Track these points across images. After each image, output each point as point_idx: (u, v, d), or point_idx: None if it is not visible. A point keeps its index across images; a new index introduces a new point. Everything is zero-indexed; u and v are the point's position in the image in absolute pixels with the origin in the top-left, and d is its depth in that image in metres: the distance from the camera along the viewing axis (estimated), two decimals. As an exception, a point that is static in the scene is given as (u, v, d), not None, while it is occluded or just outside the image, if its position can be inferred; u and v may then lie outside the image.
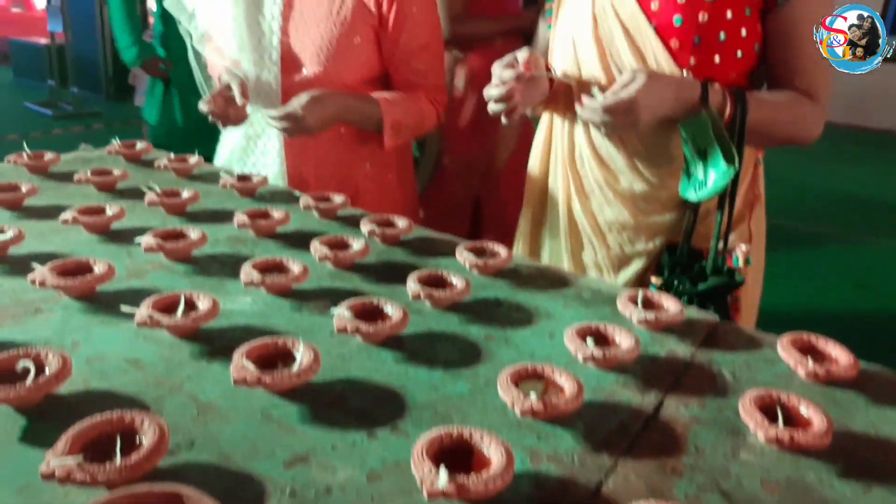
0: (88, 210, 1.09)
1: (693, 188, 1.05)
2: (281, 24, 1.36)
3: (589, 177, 1.18)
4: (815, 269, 3.88)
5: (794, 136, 1.09)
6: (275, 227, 1.09)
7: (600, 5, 1.11)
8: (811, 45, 1.05)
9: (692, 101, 1.01)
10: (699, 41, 1.04)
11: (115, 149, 1.49)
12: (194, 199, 1.19)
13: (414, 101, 1.35)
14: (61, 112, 6.18)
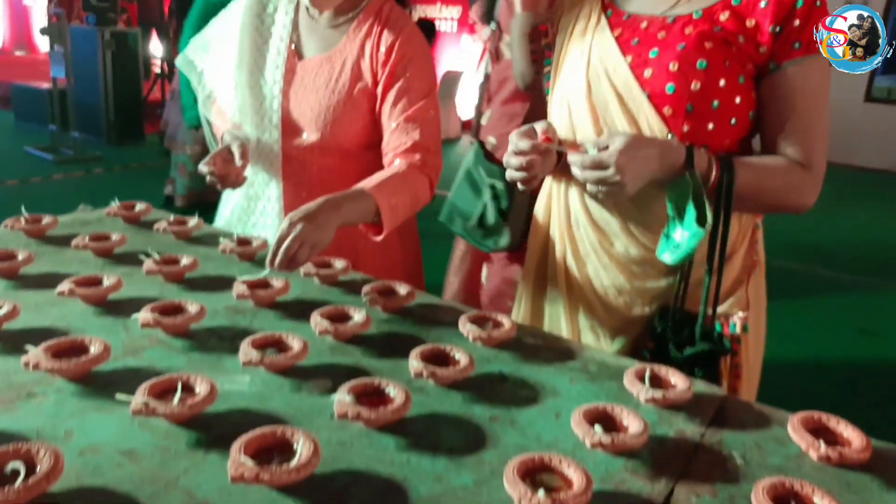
0: (85, 281, 1.08)
1: (668, 249, 1.04)
2: (282, 88, 1.37)
3: (585, 241, 1.17)
4: (815, 314, 3.86)
5: (786, 204, 1.07)
6: (274, 298, 1.08)
7: (594, 71, 1.11)
8: (807, 110, 1.05)
9: (677, 165, 1.00)
10: (692, 109, 1.03)
11: (114, 210, 1.48)
12: (193, 266, 1.18)
13: (403, 178, 1.27)
14: (62, 157, 6.20)
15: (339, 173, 1.39)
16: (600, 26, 1.13)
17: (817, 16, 1.01)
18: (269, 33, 1.41)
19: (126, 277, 1.15)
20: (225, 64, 1.44)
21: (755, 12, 1.02)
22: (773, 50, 1.02)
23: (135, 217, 1.48)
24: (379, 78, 1.33)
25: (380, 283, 1.14)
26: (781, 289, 4.02)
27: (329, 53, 1.37)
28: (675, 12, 1.08)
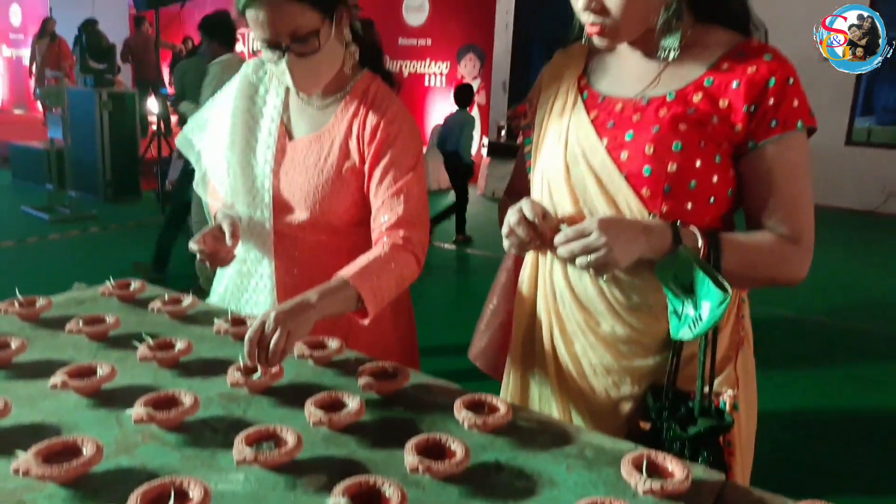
0: (78, 371, 1.07)
1: (687, 326, 1.02)
2: (273, 168, 1.39)
3: (571, 320, 1.17)
4: (800, 359, 3.85)
5: (776, 279, 1.07)
6: (268, 384, 1.08)
7: (571, 153, 1.12)
8: (789, 186, 1.06)
9: (666, 243, 1.01)
10: (669, 190, 1.04)
11: (108, 290, 1.48)
12: (187, 350, 1.18)
13: (388, 259, 1.26)
14: (59, 216, 6.23)
15: (331, 249, 1.40)
16: (576, 108, 1.15)
17: (791, 93, 1.03)
18: (260, 114, 1.45)
19: (120, 363, 1.15)
20: (218, 145, 1.47)
21: (728, 93, 1.04)
22: (750, 129, 1.04)
23: (129, 296, 1.48)
24: (366, 157, 1.36)
25: (374, 365, 1.14)
26: (766, 335, 4.02)
27: (318, 133, 1.40)
28: (649, 94, 1.09)
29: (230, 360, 1.16)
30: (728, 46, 1.07)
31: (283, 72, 1.30)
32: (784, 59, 1.05)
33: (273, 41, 1.27)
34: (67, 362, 1.16)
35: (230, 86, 1.49)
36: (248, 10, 1.26)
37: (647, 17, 1.05)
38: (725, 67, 1.05)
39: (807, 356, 3.90)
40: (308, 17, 1.26)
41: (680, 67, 1.08)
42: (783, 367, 3.62)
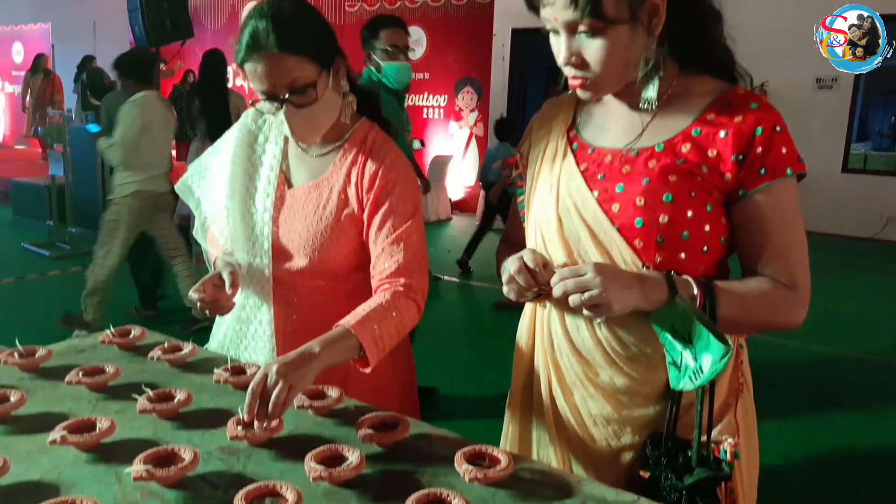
0: (78, 426, 1.07)
1: (688, 377, 1.02)
2: (273, 215, 1.41)
3: (569, 370, 1.16)
4: (805, 393, 3.81)
5: (773, 325, 1.08)
6: (268, 437, 1.07)
7: (563, 205, 1.13)
8: (782, 233, 1.06)
9: (662, 293, 1.01)
10: (662, 241, 1.05)
11: (108, 338, 1.49)
12: (187, 401, 1.18)
13: (388, 307, 1.28)
14: (59, 252, 6.24)
15: (329, 295, 1.41)
16: (566, 160, 1.16)
17: (779, 141, 1.04)
18: (259, 162, 1.46)
19: (119, 416, 1.15)
20: (218, 192, 1.48)
21: (716, 142, 1.04)
22: (739, 177, 1.04)
23: (129, 343, 1.48)
24: (364, 204, 1.37)
25: (374, 415, 1.14)
26: (770, 367, 4.00)
27: (317, 181, 1.41)
28: (638, 146, 1.10)
29: (230, 411, 1.16)
30: (714, 95, 1.08)
31: (281, 122, 1.32)
32: (770, 108, 1.06)
33: (271, 93, 1.29)
34: (67, 415, 1.17)
35: (230, 134, 1.51)
36: (246, 63, 1.28)
37: (628, 71, 1.06)
38: (712, 117, 1.06)
39: (809, 390, 3.85)
40: (305, 69, 1.28)
41: (667, 118, 1.09)
42: (784, 405, 3.57)
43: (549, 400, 1.21)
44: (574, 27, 1.02)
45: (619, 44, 1.02)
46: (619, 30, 1.01)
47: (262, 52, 1.26)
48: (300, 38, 1.27)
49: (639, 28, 1.02)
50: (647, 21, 1.03)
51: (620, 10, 1.00)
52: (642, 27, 1.03)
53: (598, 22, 1.00)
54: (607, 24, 1.00)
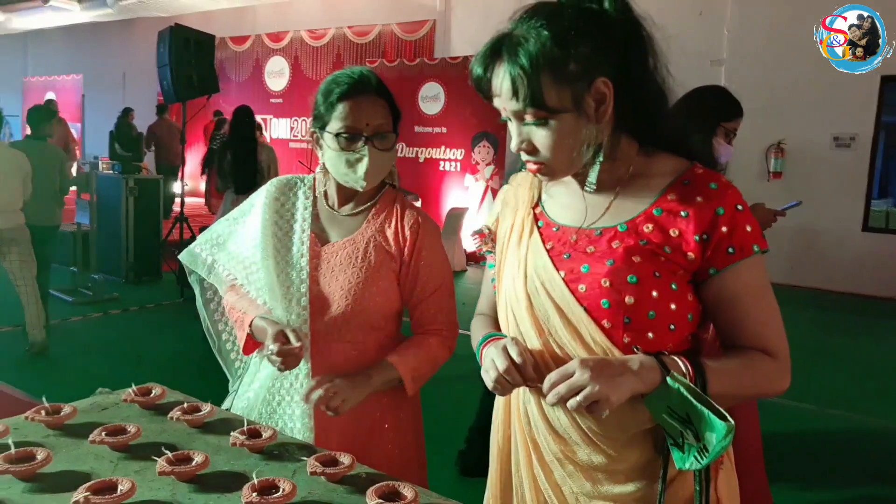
0: (100, 487, 1.12)
1: (693, 456, 1.02)
2: (309, 272, 1.53)
3: (547, 448, 1.16)
4: (826, 462, 3.75)
5: (760, 395, 1.12)
6: (282, 503, 1.11)
7: (532, 284, 1.14)
8: (756, 306, 1.09)
9: (656, 378, 1.02)
10: (629, 321, 1.06)
11: (130, 397, 1.54)
12: (204, 464, 1.22)
13: (425, 345, 1.55)
14: (81, 299, 6.36)
15: (363, 346, 1.55)
16: (533, 238, 1.17)
17: (741, 220, 1.07)
18: (289, 226, 1.59)
19: (139, 476, 1.20)
20: (248, 256, 1.61)
21: (678, 223, 1.07)
22: (706, 256, 1.06)
23: (150, 402, 1.53)
24: (403, 255, 1.56)
25: (384, 485, 1.17)
26: (790, 432, 3.95)
27: (352, 237, 1.57)
28: (601, 225, 1.12)
29: (245, 475, 1.20)
30: (674, 175, 1.11)
31: (358, 160, 1.49)
32: (729, 186, 1.09)
33: (357, 130, 1.49)
34: (89, 474, 1.22)
35: (254, 205, 1.63)
36: (345, 100, 1.49)
37: (578, 155, 1.09)
38: (672, 197, 1.09)
39: (830, 461, 3.77)
40: (389, 120, 1.54)
41: (629, 198, 1.12)
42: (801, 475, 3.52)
43: (531, 479, 1.20)
44: (521, 116, 1.07)
45: (566, 131, 1.06)
46: (564, 118, 1.05)
47: (363, 93, 1.49)
48: (390, 94, 1.55)
49: (584, 116, 1.06)
50: (593, 109, 1.06)
51: (563, 100, 1.04)
52: (588, 115, 1.06)
53: (540, 112, 1.05)
54: (551, 114, 1.05)
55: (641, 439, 1.10)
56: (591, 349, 1.09)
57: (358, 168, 1.49)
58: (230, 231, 1.67)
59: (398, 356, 1.50)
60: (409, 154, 9.71)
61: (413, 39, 11.10)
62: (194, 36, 6.86)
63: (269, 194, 1.63)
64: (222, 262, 1.65)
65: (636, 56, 1.08)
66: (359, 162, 1.48)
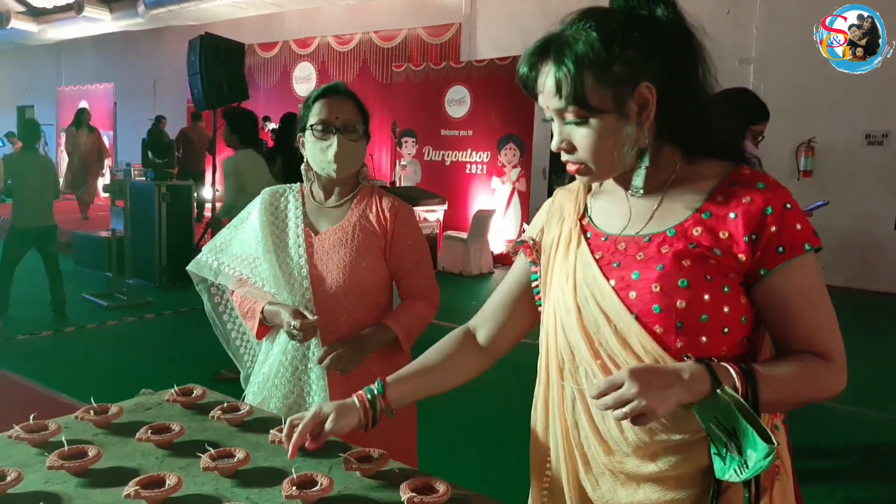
0: (149, 481, 1.18)
1: (733, 469, 1.01)
2: (307, 259, 1.83)
3: (597, 460, 1.15)
4: (856, 455, 3.71)
5: (814, 399, 1.08)
6: (320, 497, 1.16)
7: (581, 295, 1.14)
8: (810, 310, 1.07)
9: (705, 388, 1.00)
10: (682, 325, 1.05)
11: (172, 397, 1.61)
12: (245, 460, 1.28)
13: (414, 308, 1.91)
14: (116, 303, 6.52)
15: (362, 309, 1.85)
16: (581, 250, 1.17)
17: (791, 218, 1.05)
18: (284, 224, 1.89)
19: (184, 472, 1.26)
20: (251, 254, 1.87)
21: (727, 224, 1.06)
22: (756, 258, 1.05)
23: (191, 402, 1.60)
24: (386, 233, 1.86)
25: (416, 479, 1.22)
26: (820, 433, 3.91)
27: (341, 223, 1.87)
28: (649, 231, 1.12)
29: (284, 471, 1.26)
30: (720, 177, 1.10)
31: (328, 147, 1.80)
32: (778, 186, 1.08)
33: (328, 123, 1.80)
34: (137, 470, 1.28)
35: (250, 213, 1.94)
36: (318, 100, 1.84)
37: (618, 157, 1.09)
38: (720, 199, 1.08)
39: (863, 460, 3.74)
40: (357, 116, 1.85)
41: (677, 202, 1.12)
42: (832, 475, 3.50)
43: (577, 489, 1.20)
44: (562, 114, 1.09)
45: (606, 132, 1.07)
46: (606, 119, 1.06)
47: (332, 94, 1.85)
48: (359, 100, 1.89)
49: (625, 118, 1.07)
50: (636, 112, 1.07)
51: (605, 101, 1.05)
52: (629, 118, 1.07)
53: (581, 111, 1.06)
54: (592, 113, 1.06)
55: (694, 448, 1.09)
56: (641, 359, 1.08)
57: (328, 153, 1.80)
58: (231, 237, 1.93)
59: (392, 319, 1.84)
60: (436, 157, 9.78)
61: (439, 43, 11.17)
62: (224, 44, 6.99)
63: (264, 201, 1.93)
64: (227, 262, 1.89)
65: (685, 64, 1.09)
66: (329, 147, 1.80)
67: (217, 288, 2.01)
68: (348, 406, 1.29)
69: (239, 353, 2.08)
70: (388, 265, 1.88)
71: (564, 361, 1.18)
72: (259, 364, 1.95)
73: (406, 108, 10.16)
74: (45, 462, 1.27)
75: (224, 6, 12.23)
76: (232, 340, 2.08)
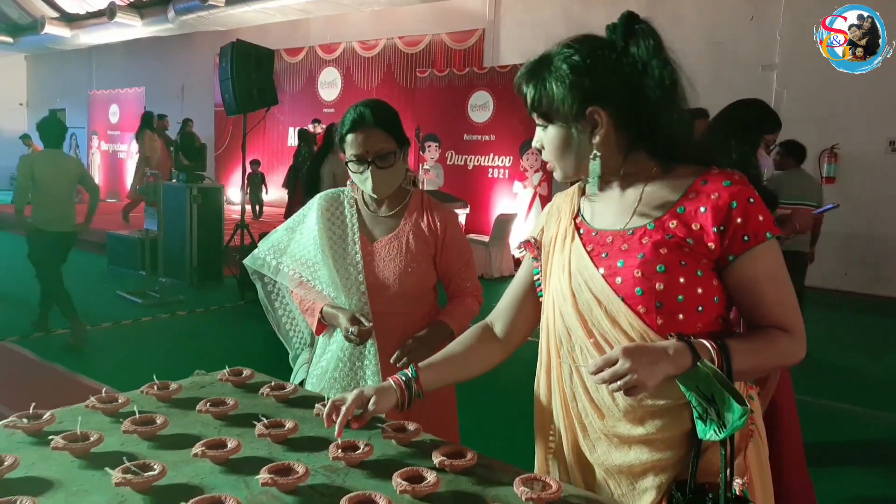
0: (212, 444, 1.35)
1: (712, 430, 1.16)
2: (363, 266, 1.94)
3: (593, 426, 1.31)
4: (868, 458, 3.79)
5: (780, 366, 1.27)
6: (362, 459, 1.32)
7: (576, 282, 1.31)
8: (773, 290, 1.23)
9: (687, 361, 1.15)
10: (661, 305, 1.21)
11: (224, 376, 1.78)
12: (294, 429, 1.44)
13: (465, 304, 2.06)
14: (150, 301, 6.76)
15: (412, 318, 1.99)
16: (574, 244, 1.34)
17: (754, 211, 1.21)
18: (342, 231, 2.03)
19: (241, 437, 1.42)
20: (311, 259, 2.00)
21: (698, 217, 1.22)
22: (724, 245, 1.21)
23: (241, 381, 1.77)
24: (437, 241, 2.00)
25: (446, 447, 1.37)
26: (837, 434, 3.99)
27: (395, 233, 2.01)
28: (632, 226, 1.28)
29: (328, 439, 1.41)
30: (694, 177, 1.26)
31: (365, 179, 1.92)
32: (742, 182, 1.24)
33: (362, 156, 1.91)
34: (199, 436, 1.44)
35: (307, 216, 2.07)
36: (349, 134, 1.92)
37: (576, 163, 1.30)
38: (693, 196, 1.24)
39: (874, 462, 3.81)
40: (389, 143, 1.93)
41: (656, 199, 1.28)
42: (844, 475, 3.58)
43: (576, 452, 1.36)
44: (534, 120, 1.32)
45: (561, 140, 1.30)
46: (559, 128, 1.29)
47: (363, 126, 1.91)
48: (388, 121, 1.94)
49: (577, 132, 1.28)
50: (587, 130, 1.27)
51: (556, 116, 1.28)
52: (580, 132, 1.27)
53: (540, 119, 1.31)
54: (547, 122, 1.30)
55: (676, 412, 1.25)
56: (629, 335, 1.25)
57: (367, 184, 1.94)
58: (290, 239, 2.07)
59: (448, 316, 2.01)
60: (458, 161, 9.95)
61: (462, 49, 11.35)
62: (255, 51, 7.23)
63: (320, 207, 2.04)
64: (287, 263, 2.03)
65: (644, 93, 1.26)
66: (366, 180, 1.93)
67: (270, 277, 2.13)
68: (387, 388, 1.45)
69: (288, 336, 2.26)
70: (437, 269, 2.03)
71: (562, 342, 1.35)
72: (317, 357, 2.09)
73: (429, 112, 10.34)
74: (118, 428, 1.44)
75: (252, 12, 12.52)
76: (283, 325, 2.24)
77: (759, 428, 1.35)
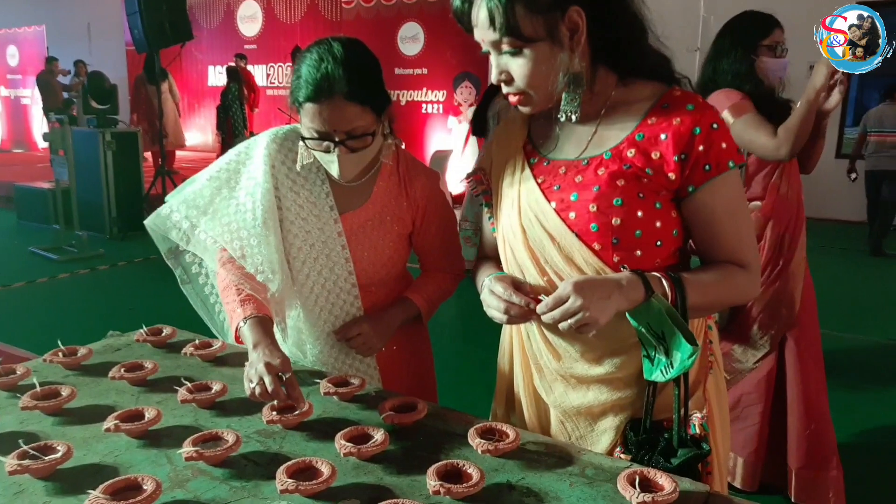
0: (127, 415, 1.19)
1: (659, 370, 1.10)
2: (349, 251, 1.54)
3: (549, 368, 1.24)
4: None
5: (734, 302, 1.21)
6: (300, 420, 1.19)
7: (526, 217, 1.20)
8: (731, 221, 1.15)
9: (639, 295, 1.08)
10: (618, 241, 1.13)
11: (142, 336, 1.60)
12: (223, 392, 1.30)
13: (436, 279, 1.68)
14: (67, 256, 6.34)
15: (396, 290, 1.63)
16: (524, 175, 1.23)
17: (717, 138, 1.11)
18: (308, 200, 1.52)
19: (162, 405, 1.27)
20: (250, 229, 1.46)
21: (658, 145, 1.12)
22: (685, 175, 1.12)
23: (161, 341, 1.60)
24: (417, 223, 1.60)
25: (393, 399, 1.26)
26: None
27: (370, 203, 1.54)
28: (587, 155, 1.17)
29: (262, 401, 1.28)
30: (653, 99, 1.15)
31: (330, 161, 1.40)
32: (707, 106, 1.14)
33: (327, 134, 1.36)
34: (113, 407, 1.28)
35: (247, 167, 1.52)
36: (308, 103, 1.33)
37: (555, 84, 1.13)
38: (653, 121, 1.13)
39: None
40: (366, 119, 1.36)
41: (612, 126, 1.17)
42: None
43: (532, 395, 1.30)
44: (498, 46, 1.12)
45: (540, 61, 1.11)
46: (539, 47, 1.10)
47: (332, 97, 1.32)
48: (368, 91, 1.35)
49: (558, 45, 1.10)
50: (567, 38, 1.10)
51: (537, 29, 1.09)
52: (562, 44, 1.10)
53: (516, 41, 1.10)
54: (525, 43, 1.09)
55: (634, 350, 1.17)
56: (584, 273, 1.15)
57: (332, 167, 1.41)
58: (214, 193, 1.51)
59: (415, 292, 1.63)
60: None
61: (388, -22, 10.84)
62: (162, -20, 6.68)
63: (270, 156, 1.50)
64: (205, 228, 1.49)
65: None
66: (332, 163, 1.40)
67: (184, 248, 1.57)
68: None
69: (224, 329, 1.67)
70: (414, 241, 1.63)
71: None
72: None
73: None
74: (16, 405, 1.27)
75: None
76: (216, 315, 1.70)
77: (717, 358, 1.29)
